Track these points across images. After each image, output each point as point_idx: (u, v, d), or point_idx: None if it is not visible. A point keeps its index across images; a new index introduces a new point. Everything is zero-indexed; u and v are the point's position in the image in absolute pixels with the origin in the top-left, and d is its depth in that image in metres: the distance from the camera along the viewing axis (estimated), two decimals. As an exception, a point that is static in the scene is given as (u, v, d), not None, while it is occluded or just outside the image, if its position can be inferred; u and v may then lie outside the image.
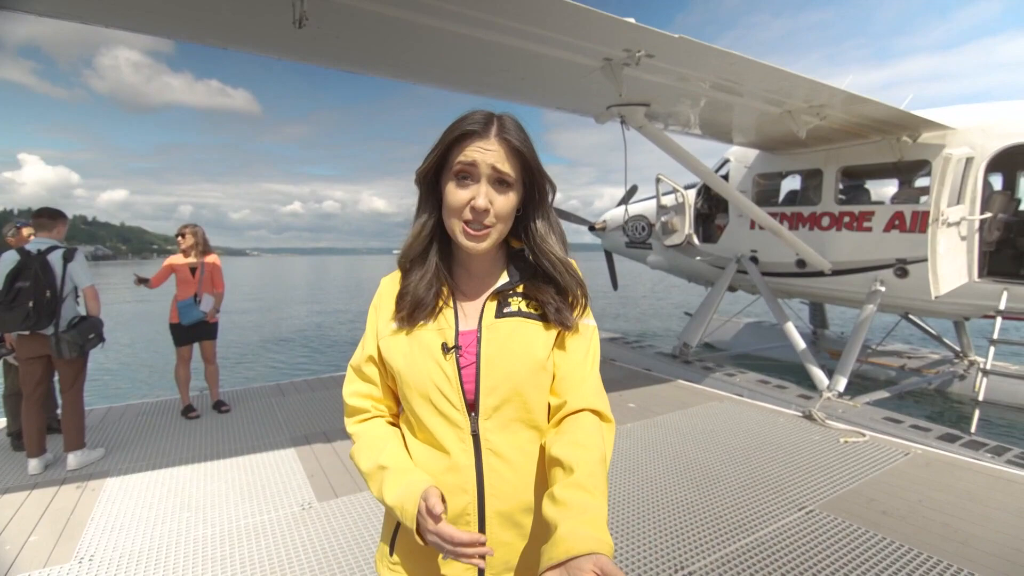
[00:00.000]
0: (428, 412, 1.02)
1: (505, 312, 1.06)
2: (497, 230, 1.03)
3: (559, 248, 1.09)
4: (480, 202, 0.98)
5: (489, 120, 1.00)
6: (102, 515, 3.15)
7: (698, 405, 5.23)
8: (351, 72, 4.46)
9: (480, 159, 0.98)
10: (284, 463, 3.87)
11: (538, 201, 1.09)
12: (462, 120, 1.00)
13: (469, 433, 1.01)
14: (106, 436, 4.43)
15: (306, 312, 23.50)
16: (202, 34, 3.61)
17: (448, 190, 1.02)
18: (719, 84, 4.42)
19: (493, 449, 1.01)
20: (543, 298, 1.07)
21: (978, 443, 4.45)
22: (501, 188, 1.01)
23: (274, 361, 12.67)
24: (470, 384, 1.02)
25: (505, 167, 1.00)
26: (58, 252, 3.75)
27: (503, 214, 1.01)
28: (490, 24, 3.32)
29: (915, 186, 6.23)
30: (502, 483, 1.01)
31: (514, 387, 1.02)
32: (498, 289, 1.08)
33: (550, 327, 1.06)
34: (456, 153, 1.00)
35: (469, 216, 1.00)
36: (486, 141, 0.99)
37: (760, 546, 2.78)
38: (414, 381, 1.03)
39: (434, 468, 1.02)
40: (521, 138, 1.01)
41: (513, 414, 1.02)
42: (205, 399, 5.30)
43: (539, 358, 1.03)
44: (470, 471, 1.00)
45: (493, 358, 1.02)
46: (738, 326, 10.13)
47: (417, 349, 1.03)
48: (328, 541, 2.84)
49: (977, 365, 7.18)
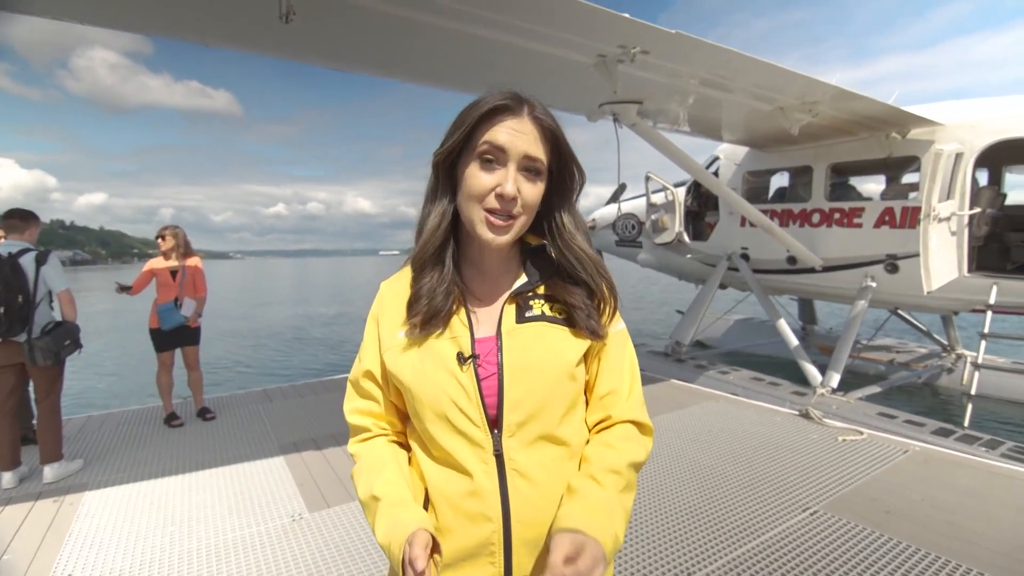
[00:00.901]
0: (444, 431, 0.91)
1: (527, 316, 0.95)
2: (521, 222, 0.92)
3: (587, 244, 0.99)
4: (509, 188, 0.87)
5: (520, 99, 0.90)
6: (81, 530, 2.99)
7: (694, 405, 5.19)
8: (338, 70, 4.34)
9: (510, 142, 0.87)
10: (273, 472, 3.73)
11: (566, 192, 0.99)
12: (488, 97, 0.89)
13: (491, 453, 0.90)
14: (85, 447, 4.25)
15: (291, 315, 23.18)
16: (184, 31, 3.48)
17: (470, 173, 0.90)
18: (713, 81, 4.38)
19: (519, 470, 0.90)
20: (571, 300, 0.96)
21: (972, 437, 4.46)
22: (530, 176, 0.91)
23: (260, 366, 12.44)
24: (492, 398, 0.91)
25: (538, 152, 0.90)
26: (30, 255, 3.58)
27: (530, 204, 0.91)
28: (482, 19, 3.23)
29: (904, 182, 6.26)
30: (529, 508, 0.90)
31: (541, 400, 0.91)
32: (517, 290, 0.97)
33: (578, 333, 0.96)
34: (482, 132, 0.89)
35: (494, 204, 0.89)
36: (519, 120, 0.89)
37: (767, 549, 2.72)
38: (427, 397, 0.91)
39: (453, 493, 0.90)
40: (554, 121, 0.92)
41: (540, 430, 0.92)
42: (189, 406, 5.13)
43: (568, 367, 0.93)
44: (494, 496, 0.89)
45: (517, 368, 0.91)
46: (728, 323, 10.15)
47: (428, 361, 0.92)
48: (320, 553, 2.72)
49: (965, 359, 7.25)
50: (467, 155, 0.92)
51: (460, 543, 0.89)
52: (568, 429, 0.95)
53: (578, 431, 0.98)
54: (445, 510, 0.90)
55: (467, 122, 0.90)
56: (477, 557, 0.89)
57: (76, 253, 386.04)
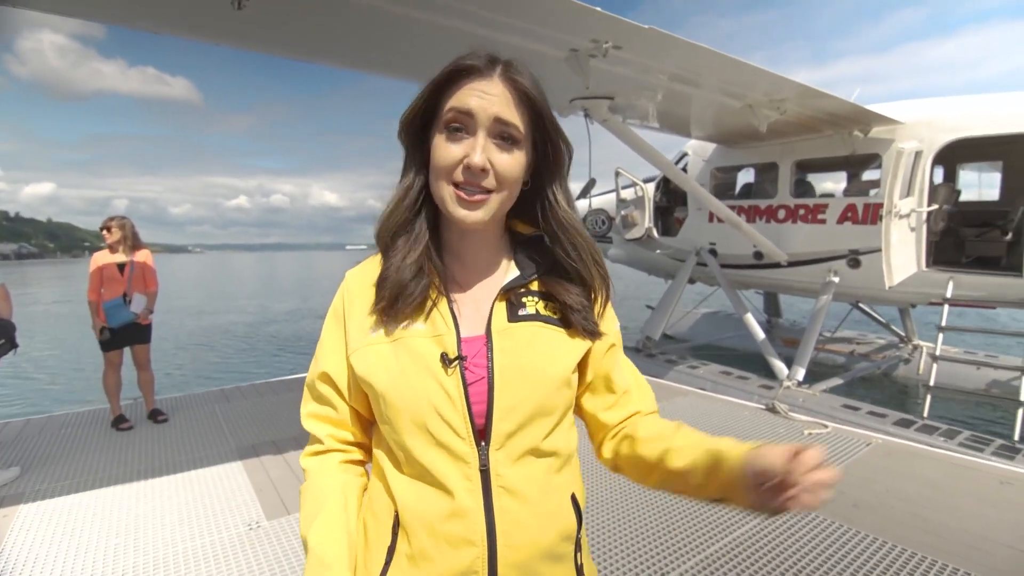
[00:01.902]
0: (422, 443, 0.79)
1: (521, 315, 0.84)
2: (497, 198, 0.80)
3: (583, 228, 0.89)
4: (477, 158, 0.76)
5: (493, 59, 0.79)
6: (15, 545, 2.76)
7: (664, 401, 5.18)
8: (297, 59, 4.14)
9: (478, 106, 0.76)
10: (229, 477, 3.54)
11: (553, 167, 0.87)
12: (459, 57, 0.79)
13: (477, 469, 0.78)
14: (23, 453, 3.95)
15: (252, 311, 22.52)
16: (132, 17, 3.26)
17: (436, 144, 0.79)
18: (684, 76, 4.37)
19: (506, 487, 0.79)
20: (567, 300, 0.86)
21: (931, 427, 4.60)
22: (505, 144, 0.79)
23: (217, 365, 12.00)
24: (480, 406, 0.79)
25: (512, 116, 0.78)
26: None
27: (506, 177, 0.79)
28: (448, 9, 3.09)
29: (866, 179, 6.41)
30: (517, 529, 0.79)
31: (535, 408, 0.81)
32: (508, 286, 0.86)
33: (574, 334, 0.86)
34: (448, 97, 0.78)
35: (461, 177, 0.77)
36: (487, 82, 0.77)
37: (739, 546, 2.70)
38: (404, 404, 0.79)
39: (430, 514, 0.78)
40: (532, 82, 0.81)
41: (530, 442, 0.81)
42: (139, 408, 4.84)
43: (565, 373, 0.84)
44: (478, 516, 0.77)
45: (510, 372, 0.80)
46: (696, 317, 10.31)
47: (407, 362, 0.80)
48: (279, 563, 2.57)
49: (921, 349, 7.51)
50: (434, 125, 0.81)
51: (438, 571, 0.78)
52: (559, 438, 0.85)
53: (567, 439, 0.88)
54: (420, 534, 0.78)
55: (430, 85, 0.80)
56: None
57: (22, 246, 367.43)
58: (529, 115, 0.81)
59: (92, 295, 4.42)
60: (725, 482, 0.77)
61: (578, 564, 0.87)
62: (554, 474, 0.84)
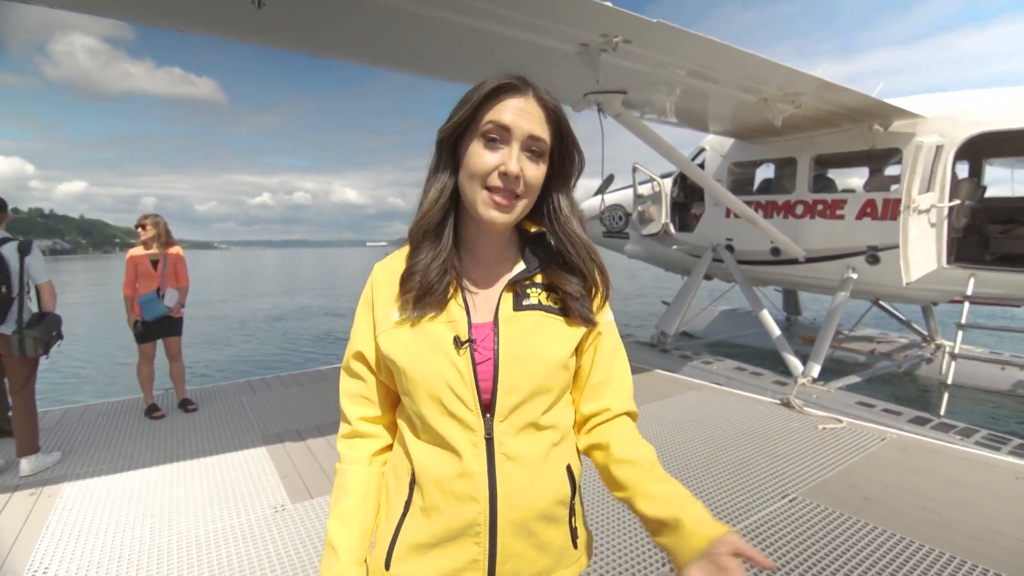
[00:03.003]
0: (437, 413, 0.91)
1: (525, 305, 0.96)
2: (523, 203, 0.92)
3: (582, 229, 1.00)
4: (513, 166, 0.87)
5: (525, 79, 0.91)
6: (58, 523, 2.96)
7: (677, 395, 5.23)
8: (317, 57, 4.28)
9: (516, 122, 0.88)
10: (255, 464, 3.71)
11: (565, 176, 0.99)
12: (494, 77, 0.90)
13: (483, 437, 0.91)
14: (63, 439, 4.19)
15: (277, 306, 22.99)
16: (155, 16, 3.40)
17: (472, 151, 0.90)
18: (696, 71, 4.38)
19: (507, 454, 0.91)
20: (567, 289, 0.97)
21: (947, 425, 4.55)
22: (533, 157, 0.91)
23: (246, 357, 12.33)
24: (486, 383, 0.92)
25: (542, 132, 0.90)
26: (12, 244, 3.49)
27: (533, 185, 0.92)
28: (462, 6, 3.19)
29: (886, 174, 6.32)
30: (516, 491, 0.91)
31: (535, 387, 0.93)
32: (515, 278, 0.97)
33: (572, 323, 0.97)
34: (487, 110, 0.89)
35: (496, 183, 0.89)
36: (525, 100, 0.89)
37: (746, 535, 2.76)
38: (422, 379, 0.91)
39: (442, 474, 0.91)
40: (556, 102, 0.92)
41: (530, 416, 0.93)
42: (170, 398, 5.07)
43: (562, 357, 0.95)
44: (482, 478, 0.90)
45: (512, 355, 0.92)
46: (714, 314, 10.25)
47: (424, 343, 0.92)
48: (303, 544, 2.71)
49: (944, 348, 7.39)
50: (470, 134, 0.91)
51: (447, 523, 0.90)
52: (556, 415, 0.97)
53: (565, 416, 1.00)
54: (432, 490, 0.91)
55: (473, 99, 0.90)
56: (462, 536, 0.90)
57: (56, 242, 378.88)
58: (553, 131, 0.93)
59: (127, 290, 4.64)
60: (669, 549, 0.86)
61: (572, 527, 0.99)
62: (552, 446, 0.96)
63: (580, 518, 1.03)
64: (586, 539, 1.04)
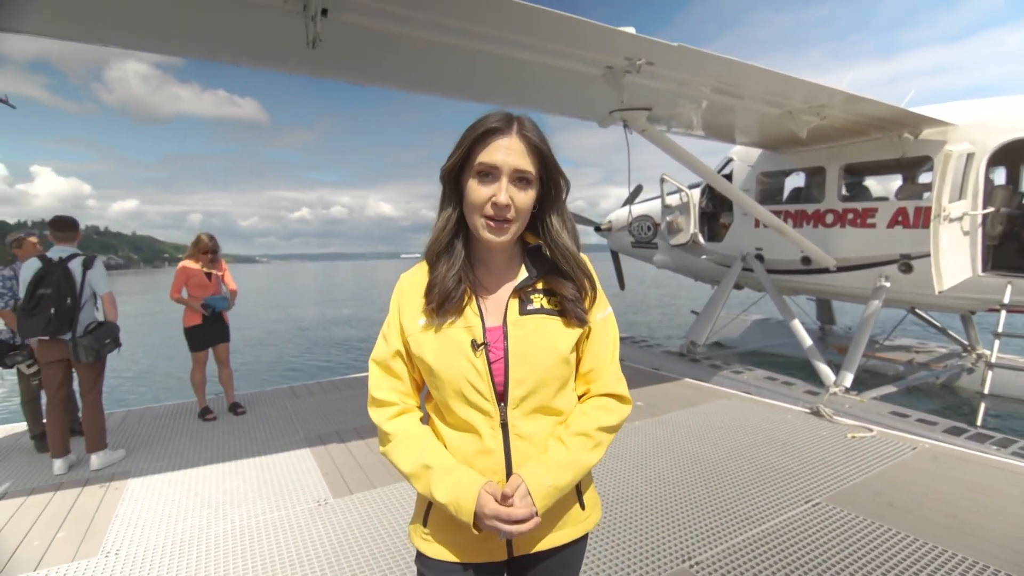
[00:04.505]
0: (460, 404, 1.11)
1: (529, 309, 1.14)
2: (517, 224, 1.10)
3: (571, 243, 1.18)
4: (502, 198, 1.05)
5: (510, 120, 1.08)
6: (126, 512, 3.26)
7: (705, 403, 5.28)
8: (364, 85, 4.58)
9: (503, 161, 1.05)
10: (299, 462, 3.97)
11: (554, 197, 1.16)
12: (484, 119, 1.08)
13: (499, 422, 1.11)
14: (127, 438, 4.55)
15: (318, 317, 23.71)
16: (216, 53, 3.73)
17: (470, 187, 1.09)
18: (719, 88, 4.50)
19: (519, 434, 1.11)
20: (563, 293, 1.14)
21: (984, 436, 4.47)
22: (521, 185, 1.08)
23: (288, 364, 12.83)
24: (499, 377, 1.11)
25: (526, 165, 1.07)
26: (78, 259, 3.87)
27: (522, 209, 1.09)
28: (494, 38, 3.43)
29: (918, 182, 6.25)
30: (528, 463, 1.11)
31: (540, 380, 1.11)
32: (519, 286, 1.15)
33: (570, 322, 1.14)
34: (478, 151, 1.07)
35: (491, 212, 1.07)
36: (508, 139, 1.06)
37: (766, 537, 2.83)
38: (447, 377, 1.10)
39: (466, 451, 1.12)
40: (540, 136, 1.10)
41: (537, 403, 1.12)
42: (221, 402, 5.42)
43: (562, 353, 1.13)
44: (499, 454, 1.11)
45: (520, 354, 1.10)
46: (746, 323, 10.15)
47: (447, 347, 1.11)
48: (344, 535, 2.93)
49: (984, 358, 7.17)
50: (468, 170, 1.10)
51: None
52: (561, 401, 1.16)
53: (569, 402, 1.19)
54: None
55: (464, 143, 1.09)
56: None
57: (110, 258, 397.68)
58: (538, 160, 1.10)
59: (174, 294, 5.02)
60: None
61: (579, 492, 1.20)
62: (558, 427, 1.16)
63: (586, 484, 1.22)
64: (593, 501, 1.24)
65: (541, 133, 1.11)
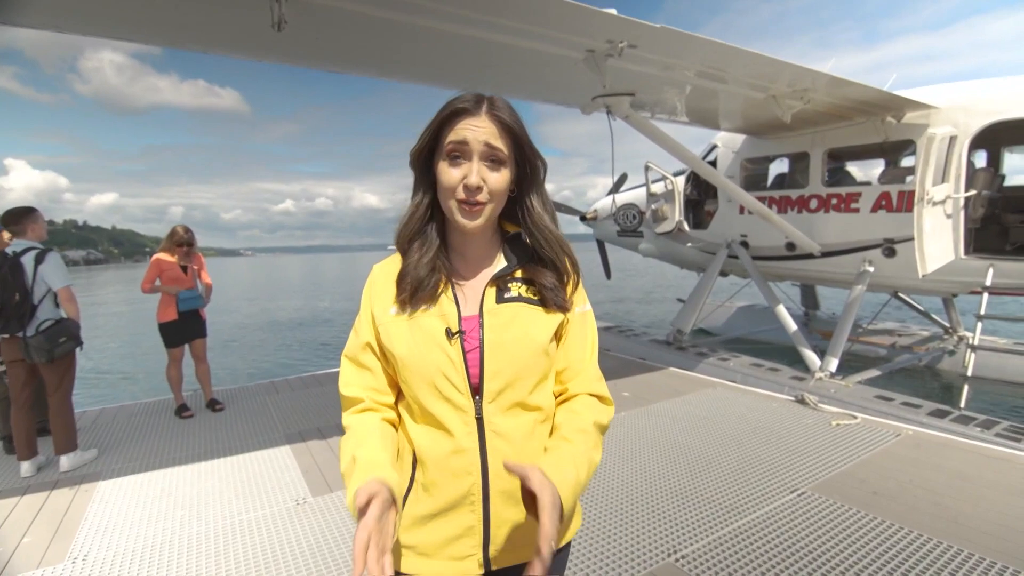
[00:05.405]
0: (432, 397, 1.02)
1: (506, 298, 1.07)
2: (491, 207, 1.03)
3: (553, 225, 1.11)
4: (473, 179, 0.98)
5: (479, 99, 1.01)
6: (95, 515, 3.15)
7: (691, 392, 5.26)
8: (335, 72, 4.43)
9: (471, 136, 0.98)
10: (278, 459, 3.87)
11: (531, 179, 1.09)
12: (453, 100, 1.01)
13: (473, 417, 1.02)
14: (99, 437, 4.42)
15: (299, 309, 23.45)
16: (182, 39, 3.58)
17: (441, 170, 1.02)
18: (703, 72, 4.42)
19: (496, 431, 1.03)
20: (543, 281, 1.08)
21: (968, 418, 4.50)
22: (493, 165, 1.01)
23: (267, 359, 12.66)
24: (474, 368, 1.02)
25: (497, 143, 1.00)
26: (31, 254, 3.66)
27: (496, 191, 1.02)
28: (471, 20, 3.30)
29: (901, 166, 6.25)
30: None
31: (517, 371, 1.03)
32: (498, 274, 1.08)
33: (550, 311, 1.08)
34: (447, 132, 1.00)
35: (463, 195, 1.00)
36: (477, 118, 0.99)
37: (752, 528, 2.81)
38: (418, 367, 1.02)
39: (438, 452, 1.03)
40: (512, 115, 1.02)
41: (515, 397, 1.04)
42: (199, 398, 5.29)
43: (541, 343, 1.05)
44: (474, 453, 1.02)
45: (496, 344, 1.03)
46: (731, 310, 10.18)
47: (419, 336, 1.03)
48: (323, 535, 2.85)
49: (966, 340, 7.26)
50: (438, 154, 1.03)
51: (445, 496, 1.02)
52: (540, 396, 1.08)
53: (548, 398, 1.11)
54: (431, 468, 1.03)
55: (433, 125, 1.02)
56: (459, 506, 1.02)
57: (90, 252, 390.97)
58: (511, 141, 1.02)
59: (146, 285, 4.85)
60: None
61: None
62: (538, 424, 1.08)
63: None
64: (576, 509, 1.14)
65: (514, 112, 1.03)
